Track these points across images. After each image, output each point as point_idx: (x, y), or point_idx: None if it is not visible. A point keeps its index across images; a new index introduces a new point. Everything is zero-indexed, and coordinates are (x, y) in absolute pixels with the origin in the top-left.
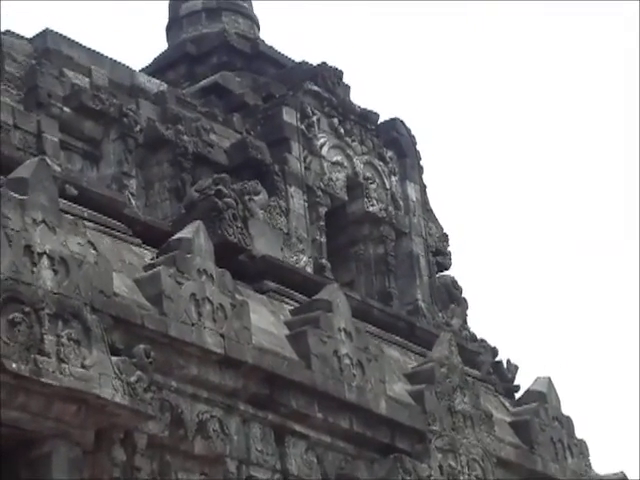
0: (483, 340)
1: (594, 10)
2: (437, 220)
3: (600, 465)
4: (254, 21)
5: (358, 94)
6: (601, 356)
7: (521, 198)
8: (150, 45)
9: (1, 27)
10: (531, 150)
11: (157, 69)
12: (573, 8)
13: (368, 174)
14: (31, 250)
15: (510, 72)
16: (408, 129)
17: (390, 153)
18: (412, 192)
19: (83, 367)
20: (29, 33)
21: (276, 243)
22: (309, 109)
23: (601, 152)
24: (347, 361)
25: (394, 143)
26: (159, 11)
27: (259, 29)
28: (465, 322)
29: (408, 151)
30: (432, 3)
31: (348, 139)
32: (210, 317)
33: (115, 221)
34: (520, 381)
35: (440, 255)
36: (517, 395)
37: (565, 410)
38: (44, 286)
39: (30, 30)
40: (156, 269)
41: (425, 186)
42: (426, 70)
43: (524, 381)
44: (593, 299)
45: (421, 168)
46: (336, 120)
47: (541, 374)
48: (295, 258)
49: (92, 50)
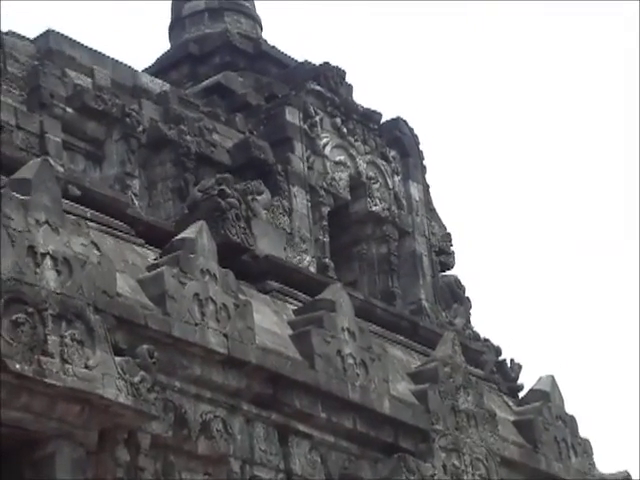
0: (486, 339)
1: (594, 10)
2: (440, 219)
3: (604, 464)
4: (256, 21)
5: (361, 94)
6: (604, 355)
7: (523, 197)
8: (152, 45)
9: (3, 27)
10: (532, 149)
11: (160, 69)
12: (573, 8)
13: (371, 174)
14: (34, 251)
15: (510, 72)
16: (411, 128)
17: (393, 152)
18: (415, 191)
19: (86, 367)
20: (31, 34)
21: (279, 243)
22: (312, 109)
23: (601, 152)
24: (350, 361)
25: (397, 142)
26: (161, 11)
27: (261, 29)
28: (468, 321)
29: (411, 150)
30: (432, 3)
31: (351, 139)
32: (213, 317)
33: (118, 221)
34: (523, 380)
35: (443, 254)
36: (521, 394)
37: (569, 409)
38: (47, 286)
39: (32, 31)
40: (159, 269)
41: (428, 185)
42: (428, 70)
43: (527, 380)
44: (595, 298)
45: (424, 167)
46: (339, 120)
47: (544, 373)
48: (298, 258)
49: (94, 50)
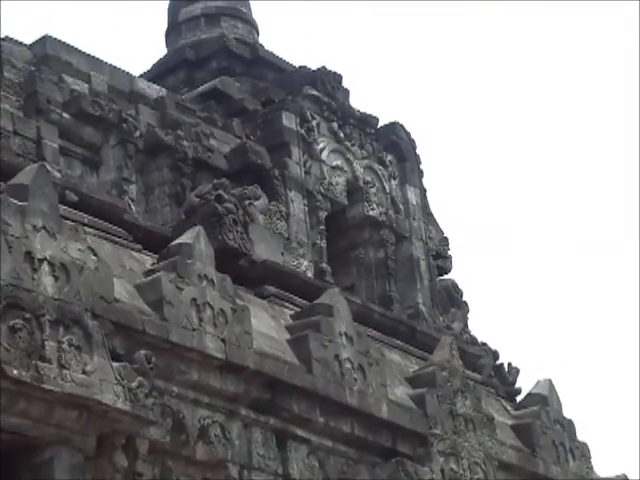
0: (484, 343)
1: (594, 10)
2: (437, 224)
3: (602, 468)
4: (253, 26)
5: (357, 98)
6: (602, 358)
7: (521, 201)
8: (149, 51)
9: (0, 33)
10: (531, 151)
11: (156, 75)
12: (573, 8)
13: (368, 178)
14: (31, 256)
15: (510, 72)
16: (408, 133)
17: (390, 157)
18: (412, 196)
19: (84, 373)
20: (28, 39)
21: (276, 248)
22: (309, 113)
23: (601, 152)
24: (348, 365)
25: (394, 147)
26: (158, 16)
27: (258, 34)
28: (466, 325)
29: (408, 155)
30: (432, 3)
31: (348, 143)
32: (211, 322)
33: (115, 227)
34: (521, 384)
35: (440, 259)
36: (518, 398)
37: (566, 413)
38: (45, 292)
39: (29, 36)
40: (157, 274)
41: (425, 190)
42: (426, 72)
43: (525, 384)
44: (594, 301)
45: (421, 172)
46: (336, 124)
47: (542, 377)
48: (296, 262)
49: (91, 56)
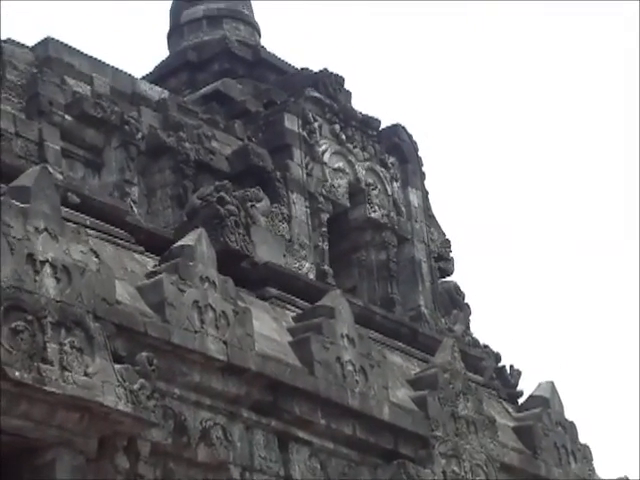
0: (486, 346)
1: (594, 10)
2: (439, 226)
3: (603, 470)
4: (255, 28)
5: (359, 100)
6: (604, 360)
7: (523, 203)
8: (151, 53)
9: (2, 35)
10: (532, 151)
11: (158, 77)
12: (573, 8)
13: (370, 180)
14: (33, 258)
15: (510, 72)
16: (410, 135)
17: (392, 159)
18: (414, 198)
19: (86, 375)
20: (30, 41)
21: (278, 250)
22: (310, 115)
23: (601, 152)
24: (350, 367)
25: (396, 149)
26: (160, 18)
27: (260, 36)
28: (468, 328)
29: (410, 157)
30: (432, 3)
31: (350, 145)
32: (213, 324)
33: (117, 229)
34: (523, 386)
35: (442, 261)
36: (520, 400)
37: (568, 415)
38: (46, 294)
39: (31, 38)
40: (158, 277)
41: (427, 192)
42: (427, 74)
43: (527, 386)
44: (596, 303)
45: (423, 174)
46: (338, 126)
47: (544, 379)
48: (297, 264)
49: (93, 58)
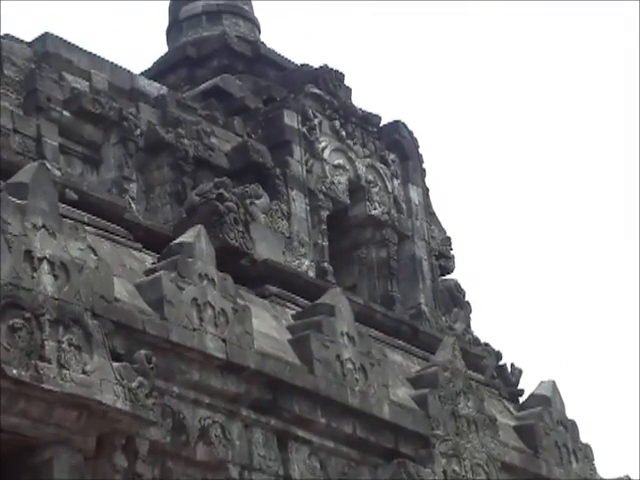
0: (487, 344)
1: (594, 10)
2: (440, 223)
3: (605, 469)
4: (255, 24)
5: (360, 96)
6: (606, 359)
7: (524, 200)
8: (150, 48)
9: (0, 31)
10: (533, 150)
11: (157, 72)
12: (573, 8)
13: (370, 177)
14: (31, 255)
15: (510, 72)
16: (410, 131)
17: (392, 156)
18: (415, 195)
19: (84, 373)
20: (28, 37)
21: (278, 247)
22: (310, 112)
23: (601, 152)
24: (350, 366)
25: (396, 146)
26: (159, 14)
27: (260, 32)
28: (468, 326)
29: (410, 154)
30: (432, 3)
31: (350, 142)
32: (212, 322)
33: (116, 226)
34: (524, 385)
35: (443, 258)
36: (521, 399)
37: (570, 414)
38: (44, 291)
39: (29, 33)
40: (157, 274)
41: (428, 189)
42: (427, 71)
43: (528, 385)
44: (597, 301)
45: (423, 171)
46: (338, 123)
47: (545, 378)
48: (297, 262)
49: (92, 54)
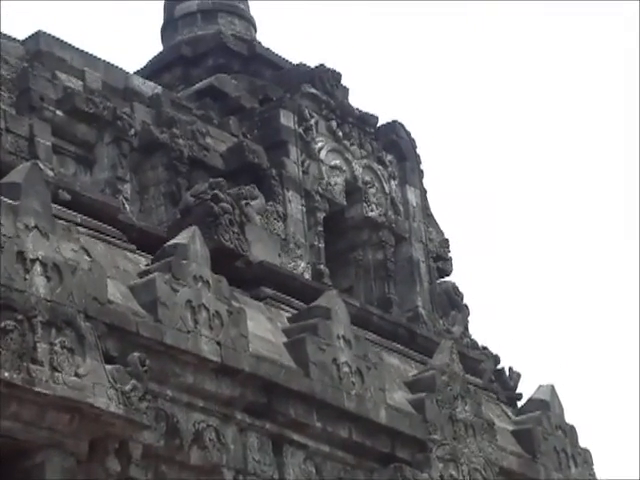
0: (485, 347)
1: (594, 10)
2: (438, 225)
3: (604, 474)
4: (251, 22)
5: (357, 96)
6: (605, 362)
7: (523, 201)
8: (145, 47)
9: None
10: (532, 151)
11: (152, 71)
12: (573, 8)
13: (367, 178)
14: (23, 256)
15: (510, 72)
16: (408, 132)
17: (390, 157)
18: (412, 196)
19: (77, 376)
20: (21, 35)
21: (273, 249)
22: (307, 112)
23: (601, 152)
24: (346, 369)
25: (394, 146)
26: (154, 12)
27: (256, 30)
28: (466, 329)
29: (408, 155)
30: (432, 3)
31: (347, 142)
32: (206, 324)
33: (109, 227)
34: (522, 389)
35: (441, 261)
36: (519, 403)
37: (568, 419)
38: (37, 293)
39: (22, 32)
40: (151, 275)
41: (425, 190)
42: (426, 71)
43: (526, 389)
44: (597, 304)
45: (421, 172)
46: (334, 123)
47: (544, 382)
48: (293, 264)
49: (85, 52)
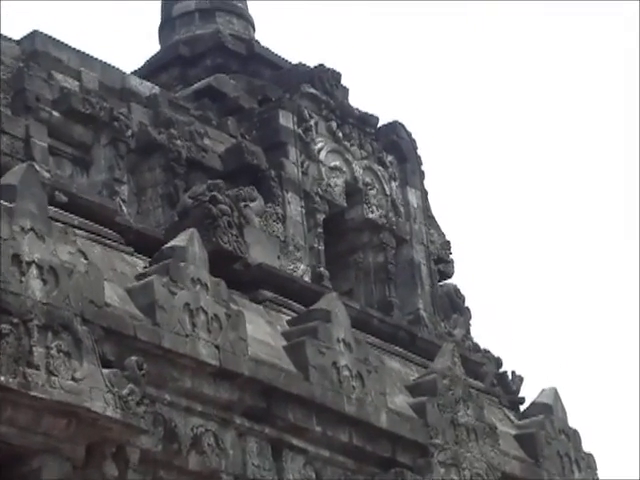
0: (487, 350)
1: (594, 10)
2: (439, 227)
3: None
4: (249, 22)
5: (357, 96)
6: (609, 366)
7: (526, 202)
8: (142, 47)
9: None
10: (533, 151)
11: (149, 72)
12: (573, 8)
13: (367, 179)
14: (19, 259)
15: (510, 72)
16: (409, 132)
17: (390, 158)
18: (413, 198)
19: (73, 380)
20: (17, 34)
21: (272, 251)
22: (306, 112)
23: (601, 152)
24: (346, 373)
25: (394, 147)
26: (151, 12)
27: (254, 30)
28: (468, 332)
29: (409, 155)
30: (432, 3)
31: (347, 143)
32: (204, 328)
33: (106, 229)
34: (525, 393)
35: (442, 263)
36: (522, 407)
37: (572, 423)
38: (33, 296)
39: (17, 31)
40: (149, 278)
41: (426, 192)
42: (426, 71)
43: (529, 393)
44: (600, 306)
45: (422, 173)
46: (334, 124)
47: (547, 385)
48: (292, 266)
49: (82, 52)
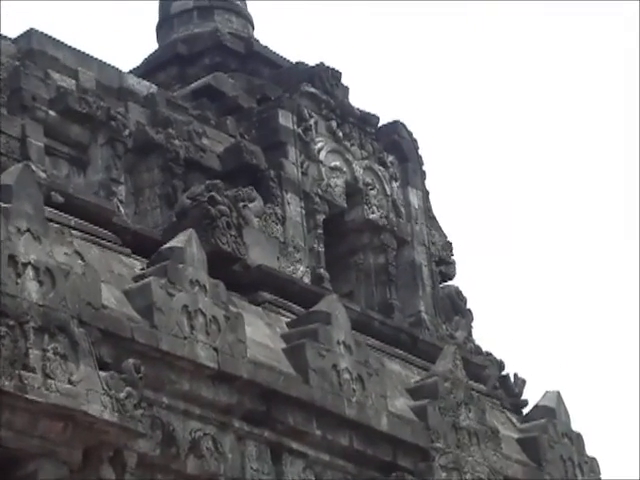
0: (489, 353)
1: (594, 10)
2: (440, 228)
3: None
4: (248, 20)
5: (357, 96)
6: (613, 369)
7: (528, 204)
8: (140, 45)
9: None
10: (534, 151)
11: (147, 70)
12: (573, 8)
13: (368, 180)
14: (15, 260)
15: (510, 72)
16: (410, 132)
17: (391, 158)
18: (414, 198)
19: (70, 383)
20: (13, 33)
21: (272, 252)
22: (306, 112)
23: (601, 152)
24: (347, 376)
25: (395, 147)
26: (149, 10)
27: (253, 28)
28: (470, 334)
29: (410, 155)
30: (432, 3)
31: (347, 143)
32: (203, 330)
33: (103, 230)
34: (528, 396)
35: (443, 264)
36: (525, 410)
37: (575, 426)
38: (29, 298)
39: (14, 30)
40: (146, 280)
41: (428, 192)
42: (427, 71)
43: (532, 396)
44: (603, 309)
45: (423, 173)
46: (334, 123)
47: (550, 388)
48: (292, 268)
49: (79, 51)
